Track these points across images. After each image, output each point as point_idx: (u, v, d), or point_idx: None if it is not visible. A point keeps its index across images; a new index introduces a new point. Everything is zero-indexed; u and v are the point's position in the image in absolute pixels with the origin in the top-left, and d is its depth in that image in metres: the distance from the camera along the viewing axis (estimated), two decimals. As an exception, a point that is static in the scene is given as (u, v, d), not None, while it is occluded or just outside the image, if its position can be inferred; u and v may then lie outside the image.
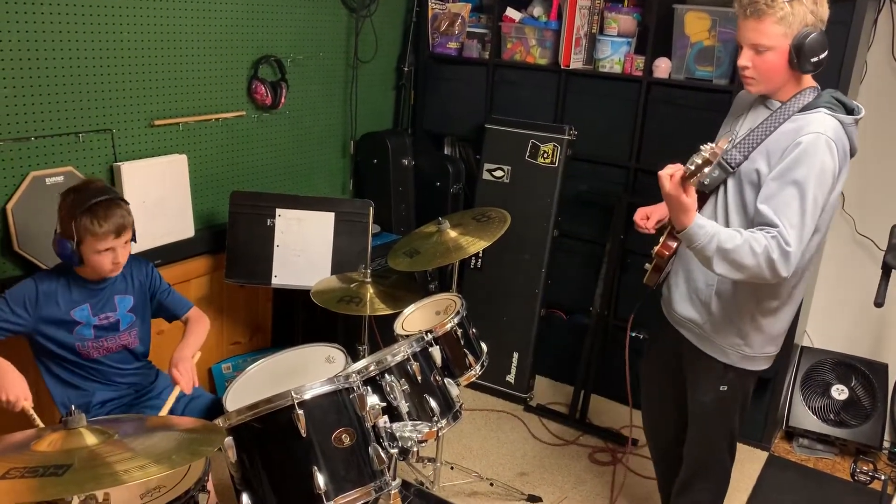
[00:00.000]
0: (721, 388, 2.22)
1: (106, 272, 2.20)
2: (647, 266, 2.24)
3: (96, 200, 2.10)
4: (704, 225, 1.93)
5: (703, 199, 2.12)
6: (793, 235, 1.89)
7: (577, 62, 3.50)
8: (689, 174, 1.86)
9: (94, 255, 2.13)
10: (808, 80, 2.05)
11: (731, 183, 2.08)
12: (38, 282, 2.18)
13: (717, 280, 2.13)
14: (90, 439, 1.49)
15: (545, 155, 3.52)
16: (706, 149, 1.82)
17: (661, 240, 2.17)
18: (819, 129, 1.92)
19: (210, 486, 1.98)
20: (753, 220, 2.00)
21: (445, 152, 4.08)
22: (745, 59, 1.99)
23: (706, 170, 1.83)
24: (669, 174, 1.92)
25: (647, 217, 2.30)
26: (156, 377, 2.46)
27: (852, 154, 2.01)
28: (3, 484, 1.34)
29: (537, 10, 3.61)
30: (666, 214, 2.23)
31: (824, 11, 1.96)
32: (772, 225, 1.91)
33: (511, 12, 3.65)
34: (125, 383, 2.35)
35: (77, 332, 2.22)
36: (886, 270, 2.49)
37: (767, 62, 1.96)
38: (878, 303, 2.44)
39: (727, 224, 2.06)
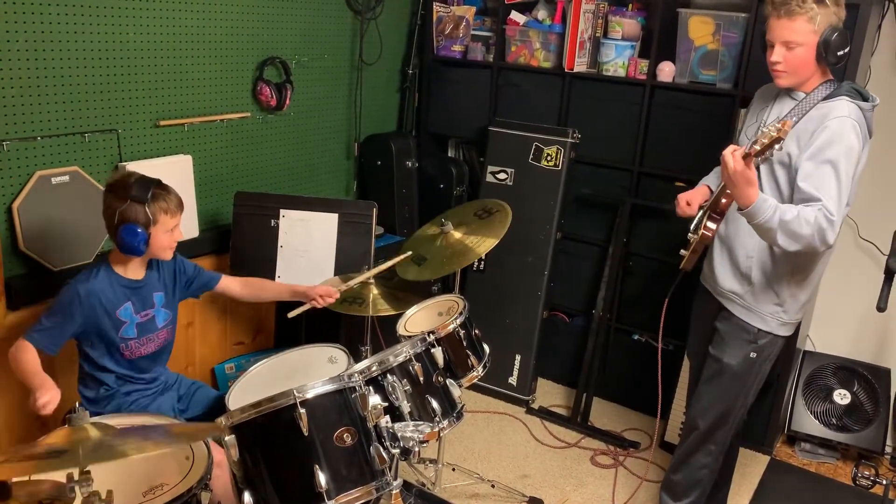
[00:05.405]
0: (751, 355, 2.43)
1: (170, 252, 2.27)
2: (683, 252, 2.39)
3: (157, 181, 2.20)
4: (768, 199, 2.12)
5: None
6: (833, 206, 2.13)
7: (581, 65, 3.51)
8: (757, 152, 2.00)
9: (164, 234, 2.20)
10: (827, 73, 2.28)
11: (763, 166, 2.28)
12: (78, 285, 2.16)
13: (756, 253, 2.35)
14: (94, 433, 1.50)
15: (549, 158, 3.53)
16: (772, 128, 1.96)
17: (703, 223, 2.30)
18: (844, 113, 2.16)
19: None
20: (794, 198, 2.21)
21: (449, 154, 4.09)
22: (777, 56, 2.21)
23: (776, 147, 1.98)
24: (732, 152, 2.06)
25: (689, 203, 2.46)
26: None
27: (869, 136, 2.26)
28: (11, 466, 1.37)
29: (542, 14, 3.62)
30: (704, 198, 2.45)
31: (843, 12, 2.20)
32: (815, 200, 2.13)
33: (515, 15, 3.66)
34: (151, 377, 2.37)
35: (122, 333, 2.23)
36: (889, 275, 2.48)
37: (798, 57, 2.19)
38: (881, 307, 2.44)
39: None
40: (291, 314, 2.52)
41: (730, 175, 2.07)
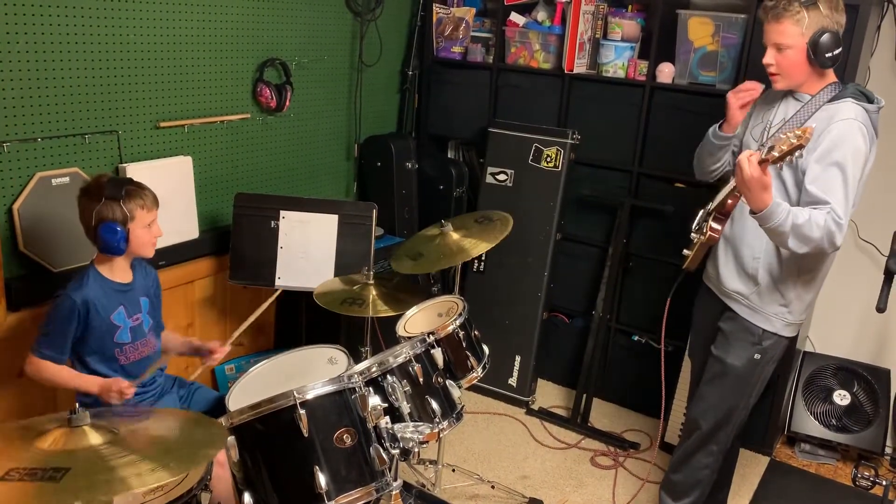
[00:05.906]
0: (755, 357, 2.43)
1: (151, 249, 2.26)
2: (687, 252, 2.38)
3: (129, 179, 2.22)
4: (782, 203, 2.11)
5: None
6: (841, 210, 2.14)
7: (580, 67, 3.51)
8: (775, 159, 1.98)
9: (142, 230, 2.19)
10: (831, 76, 2.28)
11: (769, 167, 2.24)
12: (72, 294, 2.14)
13: (762, 254, 2.35)
14: (94, 438, 1.49)
15: (548, 159, 3.53)
16: (791, 134, 1.93)
17: (709, 225, 2.29)
18: (850, 115, 2.17)
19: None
20: (801, 200, 2.21)
21: (449, 156, 4.09)
22: (769, 58, 2.25)
23: (796, 154, 1.96)
24: (748, 157, 2.05)
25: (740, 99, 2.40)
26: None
27: (875, 137, 2.25)
28: (1, 486, 1.35)
29: (541, 15, 3.62)
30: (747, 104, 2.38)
31: (840, 17, 2.21)
32: (823, 203, 2.15)
33: (515, 17, 3.66)
34: (147, 381, 2.36)
35: (118, 338, 2.23)
36: (888, 276, 2.49)
37: (788, 59, 2.22)
38: (880, 308, 2.44)
39: None
40: (192, 377, 2.46)
41: (745, 179, 2.06)
